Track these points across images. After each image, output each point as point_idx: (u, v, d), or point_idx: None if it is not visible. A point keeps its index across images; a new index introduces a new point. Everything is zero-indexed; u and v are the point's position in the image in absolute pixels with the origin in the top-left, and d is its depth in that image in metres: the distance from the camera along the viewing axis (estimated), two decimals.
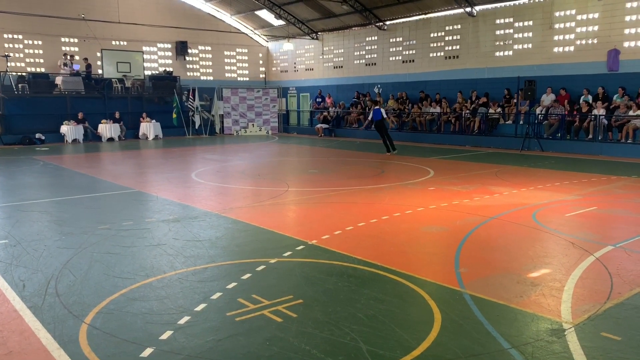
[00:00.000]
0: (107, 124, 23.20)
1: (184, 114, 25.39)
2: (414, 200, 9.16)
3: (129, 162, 16.06)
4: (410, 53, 23.62)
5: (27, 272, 5.40)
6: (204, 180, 11.91)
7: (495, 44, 20.31)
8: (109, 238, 6.75)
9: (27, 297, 4.72)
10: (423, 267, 5.62)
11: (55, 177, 12.67)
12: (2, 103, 21.64)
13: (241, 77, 30.50)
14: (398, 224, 7.49)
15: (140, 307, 4.47)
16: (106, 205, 9.20)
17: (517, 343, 3.76)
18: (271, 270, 5.47)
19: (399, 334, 3.94)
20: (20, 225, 7.55)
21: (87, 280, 5.18)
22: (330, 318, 4.22)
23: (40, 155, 17.27)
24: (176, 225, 7.46)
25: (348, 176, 12.40)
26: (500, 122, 19.62)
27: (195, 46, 28.28)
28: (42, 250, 6.19)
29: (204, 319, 4.22)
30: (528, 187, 10.40)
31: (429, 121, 21.93)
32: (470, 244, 6.43)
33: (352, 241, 6.59)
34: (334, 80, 27.36)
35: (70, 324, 4.14)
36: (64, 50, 24.22)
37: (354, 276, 5.24)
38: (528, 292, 4.78)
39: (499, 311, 4.36)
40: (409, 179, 11.58)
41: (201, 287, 4.96)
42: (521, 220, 7.63)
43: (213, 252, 6.14)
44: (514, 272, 5.37)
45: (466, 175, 12.21)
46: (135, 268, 5.53)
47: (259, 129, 27.42)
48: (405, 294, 4.78)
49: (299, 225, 7.71)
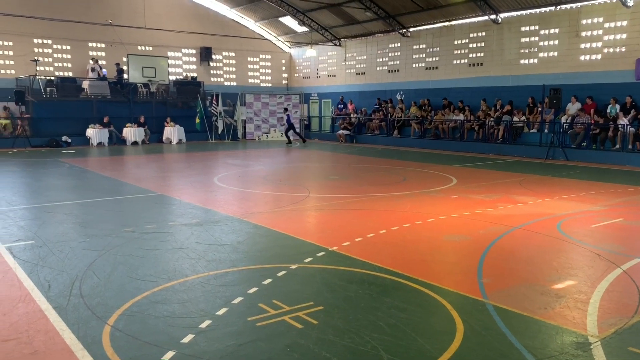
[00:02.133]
0: (131, 128, 23.55)
1: (207, 119, 25.63)
2: (436, 208, 9.09)
3: (152, 166, 16.26)
4: (433, 60, 23.51)
5: (53, 273, 5.49)
6: (226, 184, 11.99)
7: (520, 52, 20.11)
8: (132, 241, 6.83)
9: (53, 297, 4.80)
10: (445, 276, 5.57)
11: (80, 180, 12.89)
12: (31, 106, 22.11)
13: (264, 82, 30.70)
14: (420, 232, 7.44)
15: (162, 310, 4.51)
16: (130, 208, 9.32)
17: (541, 356, 3.70)
18: (292, 276, 5.47)
19: (421, 343, 3.90)
20: (46, 226, 7.69)
21: (110, 282, 5.24)
22: (350, 326, 4.20)
23: (66, 158, 17.58)
24: (198, 229, 7.52)
25: (369, 183, 12.37)
26: (524, 130, 19.39)
27: (220, 52, 28.56)
28: (67, 252, 6.29)
29: (225, 324, 4.23)
30: (553, 196, 10.24)
31: (451, 129, 21.78)
32: (493, 253, 6.35)
33: (373, 248, 6.56)
34: (356, 87, 27.37)
35: (94, 325, 4.19)
36: (91, 55, 24.69)
37: (374, 284, 5.21)
38: (552, 304, 4.70)
39: (522, 323, 4.29)
40: (431, 186, 11.50)
41: (222, 291, 4.98)
42: (545, 230, 7.51)
43: (234, 256, 6.17)
44: (538, 283, 5.28)
45: (489, 183, 12.08)
46: (157, 271, 5.58)
47: (281, 135, 27.53)
48: (427, 303, 4.73)
49: (320, 231, 7.70)
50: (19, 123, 21.81)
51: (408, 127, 23.65)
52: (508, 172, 14.37)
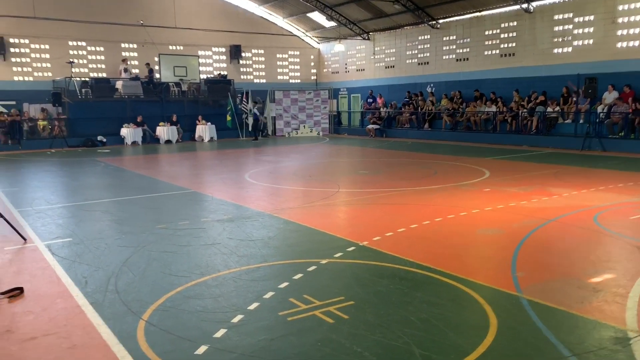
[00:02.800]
0: (164, 127, 23.93)
1: (238, 117, 25.85)
2: (469, 202, 8.96)
3: (185, 164, 16.50)
4: (464, 51, 23.16)
5: (89, 269, 5.63)
6: (257, 181, 12.07)
7: (554, 41, 19.61)
8: (166, 237, 6.95)
9: (89, 293, 4.92)
10: (478, 270, 5.49)
11: (115, 178, 13.17)
12: (67, 107, 22.69)
13: (293, 79, 30.78)
14: (452, 226, 7.35)
15: (195, 305, 4.57)
16: (163, 205, 9.47)
17: (579, 351, 3.61)
18: (322, 270, 5.48)
19: (453, 338, 3.85)
20: (83, 224, 7.89)
21: (145, 278, 5.34)
22: (382, 320, 4.18)
23: (101, 157, 18.00)
24: (230, 225, 7.60)
25: (399, 177, 12.28)
26: (559, 121, 18.93)
27: (249, 49, 28.75)
28: (103, 249, 6.44)
29: (257, 318, 4.27)
30: (589, 188, 9.98)
31: (483, 121, 21.43)
32: (527, 247, 6.22)
33: (404, 243, 6.51)
34: (386, 81, 27.17)
35: (129, 320, 4.28)
36: (123, 56, 25.17)
37: (406, 279, 5.17)
38: (590, 298, 4.58)
39: (558, 317, 4.20)
40: (463, 180, 11.35)
41: (254, 286, 5.02)
42: (582, 223, 7.32)
43: (265, 251, 6.21)
44: (575, 276, 5.16)
45: (523, 176, 11.85)
46: (190, 266, 5.66)
47: (310, 131, 27.58)
48: (460, 298, 4.67)
49: (350, 226, 7.69)
50: (56, 124, 22.41)
51: (439, 120, 23.38)
52: (542, 163, 14.06)
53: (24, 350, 3.82)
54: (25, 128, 22.47)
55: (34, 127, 22.89)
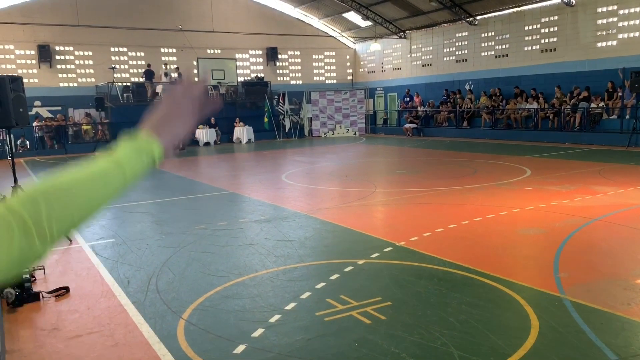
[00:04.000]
0: (203, 129, 24.31)
1: (275, 118, 26.03)
2: (509, 201, 8.77)
3: (223, 165, 16.73)
4: (503, 47, 22.70)
5: (131, 270, 5.77)
6: (294, 181, 12.13)
7: (597, 34, 19.01)
8: (205, 237, 7.06)
9: (131, 292, 5.04)
10: (519, 271, 5.37)
11: (156, 180, 13.45)
12: (110, 112, 23.33)
13: (329, 79, 30.81)
14: (491, 225, 7.21)
15: (233, 305, 4.63)
16: (202, 206, 9.63)
17: (625, 354, 3.49)
18: (359, 271, 5.46)
19: (493, 340, 3.78)
20: (125, 225, 8.09)
21: (184, 277, 5.44)
22: (419, 321, 4.14)
23: None
24: (267, 225, 7.66)
25: (437, 176, 12.13)
26: (603, 117, 18.33)
27: (285, 51, 28.93)
28: (145, 249, 6.59)
29: (294, 318, 4.29)
30: (635, 186, 9.62)
31: (524, 118, 20.95)
32: (570, 247, 6.05)
33: (442, 243, 6.43)
34: (423, 79, 26.88)
35: (169, 320, 4.36)
36: (163, 61, 25.72)
37: (444, 279, 5.10)
38: (636, 300, 4.42)
39: (603, 319, 4.06)
40: (503, 178, 11.12)
41: (291, 286, 5.05)
42: (628, 222, 7.07)
43: (302, 252, 6.24)
44: (621, 277, 4.98)
45: (566, 174, 11.52)
46: (229, 266, 5.73)
47: (347, 131, 27.53)
48: (500, 299, 4.58)
49: (387, 226, 7.64)
50: (99, 128, 23.07)
51: (478, 118, 22.98)
52: (586, 161, 13.64)
53: (69, 348, 3.94)
54: (70, 132, 23.22)
55: (78, 132, 23.62)
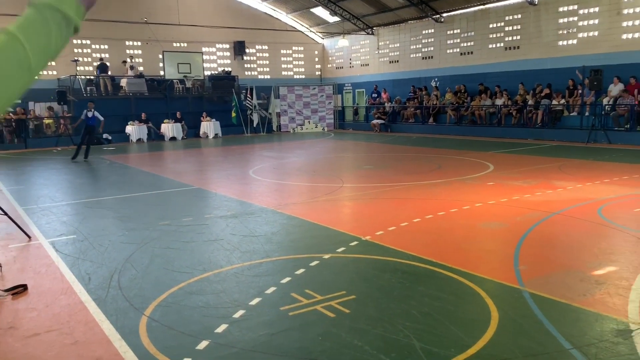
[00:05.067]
0: (169, 124, 23.98)
1: (242, 113, 25.85)
2: (472, 195, 8.93)
3: (190, 160, 16.54)
4: (468, 45, 23.05)
5: (93, 266, 5.66)
6: (261, 177, 12.08)
7: (559, 33, 19.48)
8: (169, 234, 6.97)
9: (92, 289, 4.94)
10: (480, 264, 5.48)
11: (120, 175, 13.22)
12: (73, 106, 22.76)
13: (297, 74, 30.75)
14: (455, 220, 7.33)
15: (197, 301, 4.59)
16: (167, 201, 9.50)
17: (580, 344, 3.60)
18: (325, 265, 5.48)
19: (454, 332, 3.85)
20: (87, 221, 7.93)
21: (147, 274, 5.37)
22: (383, 314, 4.19)
23: (107, 155, 18.06)
24: (233, 221, 7.61)
25: (404, 172, 12.26)
26: (564, 114, 18.82)
27: (253, 45, 28.73)
28: (107, 245, 6.47)
29: (259, 313, 4.28)
30: (594, 181, 9.92)
31: (488, 114, 21.34)
32: (530, 240, 6.20)
33: (406, 237, 6.51)
34: (390, 75, 27.09)
35: (131, 316, 4.30)
36: (128, 54, 25.22)
37: (408, 272, 5.17)
38: (592, 291, 4.56)
39: (560, 310, 4.18)
40: (467, 174, 11.31)
41: (256, 281, 5.03)
42: (586, 216, 7.29)
43: (268, 247, 6.22)
44: (578, 269, 5.14)
45: (528, 169, 11.79)
46: (193, 263, 5.68)
47: (315, 126, 27.56)
48: (462, 292, 4.67)
49: (353, 221, 7.69)
50: (61, 122, 22.50)
51: (444, 115, 23.30)
52: (547, 157, 14.00)
53: (26, 347, 3.85)
54: (31, 127, 22.56)
55: (40, 126, 22.98)
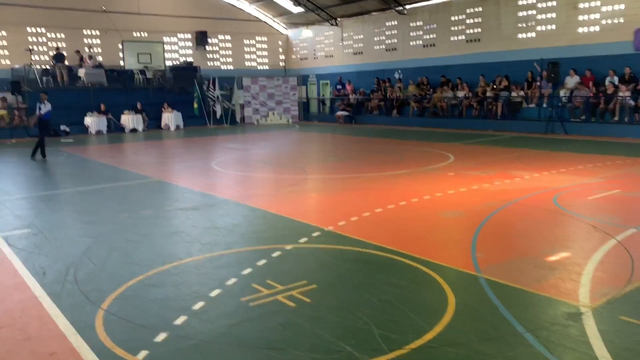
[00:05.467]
0: (129, 115, 23.46)
1: (205, 104, 25.51)
2: (433, 186, 9.06)
3: (151, 152, 16.24)
4: (430, 37, 23.29)
5: (48, 261, 5.51)
6: (224, 169, 11.97)
7: (518, 26, 19.87)
8: (128, 226, 6.84)
9: (47, 284, 4.81)
10: (439, 252, 5.57)
11: (78, 168, 12.89)
12: (27, 96, 22.01)
13: (261, 65, 30.51)
14: (415, 209, 7.43)
15: (156, 293, 4.53)
16: (127, 194, 9.31)
17: (533, 327, 3.70)
18: (286, 256, 5.48)
19: (412, 318, 3.91)
20: (42, 215, 7.70)
21: (105, 267, 5.26)
22: (343, 303, 4.22)
23: (64, 147, 17.56)
24: (194, 213, 7.53)
25: (367, 163, 12.34)
26: (523, 105, 19.25)
27: (215, 36, 28.34)
28: (63, 239, 6.31)
29: (218, 305, 4.25)
30: (550, 170, 10.20)
31: (450, 106, 21.65)
32: (488, 228, 6.34)
33: (368, 227, 6.56)
34: (354, 67, 27.15)
35: (88, 310, 4.21)
36: (86, 43, 24.53)
37: (368, 261, 5.22)
38: (546, 276, 4.70)
39: (515, 295, 4.30)
40: (428, 164, 11.47)
41: (217, 273, 4.99)
42: (542, 204, 7.49)
43: (230, 239, 6.18)
44: (533, 256, 5.28)
45: (487, 160, 12.03)
46: (152, 255, 5.59)
47: (280, 118, 27.43)
48: (420, 279, 4.74)
49: (316, 212, 7.70)
50: (16, 113, 21.74)
51: (407, 107, 23.51)
52: (506, 147, 14.31)
53: None
54: None
55: None
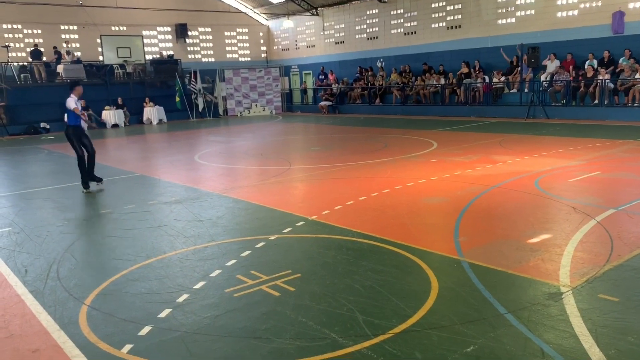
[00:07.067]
0: (110, 110, 23.20)
1: (187, 98, 25.30)
2: (416, 172, 9.11)
3: (133, 147, 16.10)
4: (412, 25, 23.29)
5: (30, 258, 5.46)
6: (207, 162, 11.91)
7: (498, 12, 19.95)
8: (111, 222, 6.79)
9: (29, 282, 4.77)
10: (422, 237, 5.62)
11: (59, 165, 12.74)
12: (5, 94, 21.67)
13: (242, 57, 30.31)
14: (399, 196, 7.47)
15: (139, 287, 4.51)
16: (109, 190, 9.23)
17: (514, 308, 3.76)
18: (270, 246, 5.48)
19: (396, 303, 3.94)
20: (23, 212, 7.61)
21: (88, 263, 5.22)
22: (327, 290, 4.24)
23: (45, 144, 17.34)
24: (178, 206, 7.49)
25: (351, 152, 12.35)
26: (504, 91, 19.37)
27: (195, 28, 28.08)
28: (45, 236, 6.24)
29: (203, 297, 4.25)
30: (532, 154, 10.31)
31: (432, 93, 21.71)
32: (470, 213, 6.40)
33: (352, 215, 6.58)
34: (336, 57, 27.09)
35: (71, 306, 4.18)
36: (63, 39, 24.16)
37: (352, 249, 5.24)
38: (527, 258, 4.76)
39: (496, 278, 4.35)
40: (411, 152, 11.52)
41: (201, 265, 4.98)
42: (523, 187, 7.57)
43: (213, 231, 6.17)
44: (514, 239, 5.35)
45: (469, 145, 12.11)
46: (136, 250, 5.56)
47: (263, 109, 27.32)
48: (403, 265, 4.78)
49: (300, 201, 7.71)
50: None
51: (390, 95, 23.54)
52: (488, 133, 14.41)
53: None
54: None
55: None
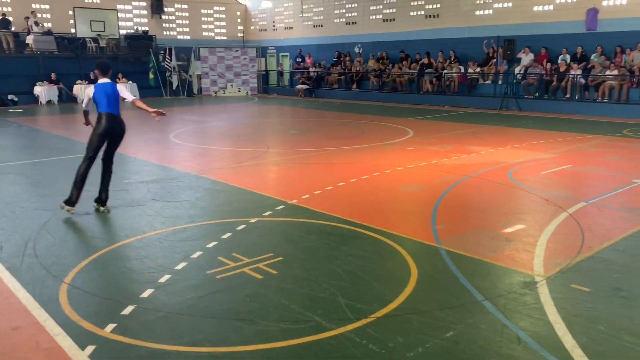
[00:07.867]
0: (82, 85, 22.62)
1: (161, 75, 24.85)
2: (393, 160, 9.22)
3: None
4: (390, 12, 23.30)
5: (4, 234, 5.36)
6: (183, 141, 11.80)
7: (476, 3, 20.12)
8: (87, 200, 6.67)
9: (5, 258, 4.70)
10: (401, 224, 5.72)
11: (30, 139, 12.44)
12: None
13: (219, 36, 29.86)
14: (377, 183, 7.56)
15: (120, 267, 4.49)
16: None
17: (491, 295, 3.89)
18: (251, 229, 5.51)
19: (377, 288, 4.03)
20: None
21: (65, 241, 5.16)
22: (309, 274, 4.30)
23: (13, 117, 16.86)
24: (155, 186, 7.43)
25: (328, 137, 12.39)
26: (479, 82, 19.63)
27: (171, 4, 27.51)
28: (19, 213, 6.14)
29: (185, 277, 4.26)
30: (505, 146, 10.52)
31: (409, 82, 21.84)
32: (447, 201, 6.53)
33: (331, 200, 6.64)
34: (314, 40, 26.94)
35: (50, 284, 4.14)
36: (33, 8, 23.38)
37: (333, 234, 5.31)
38: (502, 247, 4.91)
39: (473, 266, 4.48)
40: (388, 139, 11.62)
41: (181, 246, 4.98)
42: (497, 178, 7.75)
43: (192, 212, 6.15)
44: (489, 228, 5.49)
45: (445, 135, 12.28)
46: (114, 229, 5.53)
47: (238, 90, 27.04)
48: (383, 251, 4.87)
49: (279, 185, 7.73)
50: None
51: (367, 81, 23.59)
52: (463, 123, 14.62)
53: None
54: None
55: None
